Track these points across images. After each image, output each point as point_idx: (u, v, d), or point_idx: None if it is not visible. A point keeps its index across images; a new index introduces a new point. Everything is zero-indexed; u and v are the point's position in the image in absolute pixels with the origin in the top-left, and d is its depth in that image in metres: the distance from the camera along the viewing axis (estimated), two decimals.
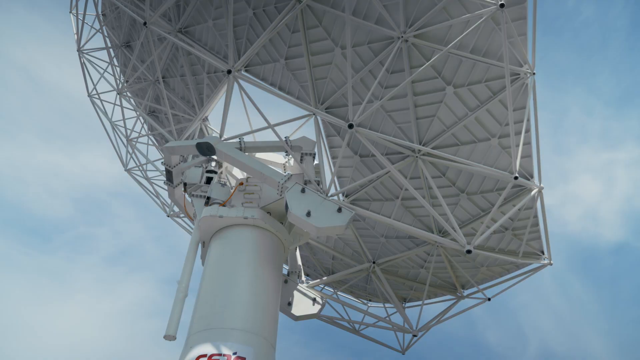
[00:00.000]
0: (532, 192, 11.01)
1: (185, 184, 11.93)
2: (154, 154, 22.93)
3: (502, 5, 8.55)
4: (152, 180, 15.76)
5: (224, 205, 10.54)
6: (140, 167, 15.56)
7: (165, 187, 12.46)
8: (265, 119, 10.41)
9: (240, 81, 10.72)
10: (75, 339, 31.25)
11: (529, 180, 11.02)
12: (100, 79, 14.78)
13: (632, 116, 33.96)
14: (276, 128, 10.68)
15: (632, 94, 33.91)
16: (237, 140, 11.00)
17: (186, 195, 12.21)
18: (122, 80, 14.91)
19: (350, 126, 9.57)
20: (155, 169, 15.34)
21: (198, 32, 12.40)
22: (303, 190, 9.80)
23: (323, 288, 16.05)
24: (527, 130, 10.34)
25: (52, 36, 35.41)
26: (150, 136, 16.38)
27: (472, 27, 9.07)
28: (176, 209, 15.99)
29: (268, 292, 9.49)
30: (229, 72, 10.20)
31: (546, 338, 32.10)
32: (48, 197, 36.16)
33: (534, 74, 9.89)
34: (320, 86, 11.39)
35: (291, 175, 10.24)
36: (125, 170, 15.65)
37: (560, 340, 31.80)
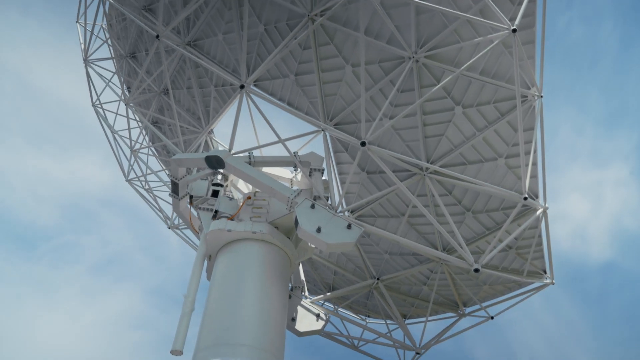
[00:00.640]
0: (537, 212, 11.14)
1: (191, 197, 11.88)
2: (154, 164, 22.79)
3: (514, 31, 8.75)
4: (153, 191, 15.66)
5: (232, 219, 10.51)
6: (140, 178, 15.45)
7: (166, 198, 12.42)
8: (276, 134, 10.45)
9: (251, 96, 10.77)
10: (57, 349, 30.62)
11: (534, 200, 11.16)
12: (105, 88, 14.75)
13: (621, 136, 34.63)
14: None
15: (621, 113, 34.63)
16: (246, 154, 11.00)
17: (191, 208, 12.15)
18: (127, 91, 14.89)
19: (363, 144, 9.64)
20: (158, 179, 15.25)
21: (207, 45, 12.46)
22: (313, 206, 9.80)
23: (323, 303, 15.97)
24: (535, 151, 10.51)
25: (45, 41, 35.20)
26: (152, 147, 16.32)
27: (484, 51, 9.24)
28: (177, 221, 15.89)
29: (276, 308, 9.43)
30: (242, 87, 10.24)
31: (534, 355, 32.15)
32: (35, 203, 35.59)
33: (541, 96, 10.10)
34: (330, 103, 11.48)
35: (301, 190, 10.25)
36: (126, 180, 15.54)
37: (548, 358, 31.89)
